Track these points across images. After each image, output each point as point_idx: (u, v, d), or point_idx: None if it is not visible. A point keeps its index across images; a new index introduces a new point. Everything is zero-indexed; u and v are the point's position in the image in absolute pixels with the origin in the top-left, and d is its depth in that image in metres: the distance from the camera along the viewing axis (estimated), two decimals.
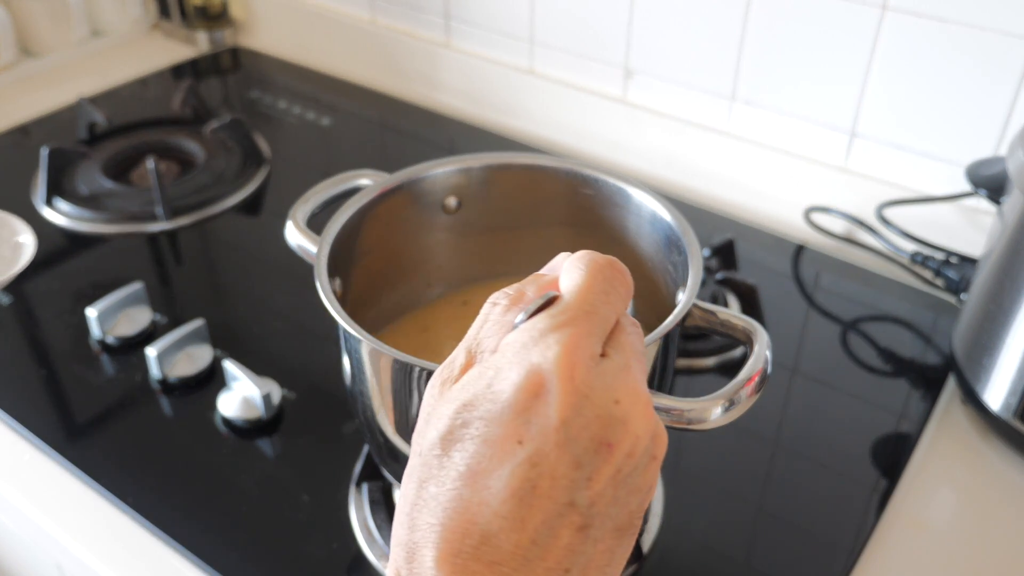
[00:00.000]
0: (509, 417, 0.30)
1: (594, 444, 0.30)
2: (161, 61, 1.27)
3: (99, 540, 0.63)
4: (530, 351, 0.31)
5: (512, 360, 0.31)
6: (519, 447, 0.30)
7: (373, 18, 1.20)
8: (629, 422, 0.31)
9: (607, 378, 0.31)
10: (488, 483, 0.30)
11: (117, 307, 0.78)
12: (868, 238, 0.91)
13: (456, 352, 0.34)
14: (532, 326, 0.32)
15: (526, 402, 0.30)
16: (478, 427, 0.31)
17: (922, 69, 0.83)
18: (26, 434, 0.70)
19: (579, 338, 0.31)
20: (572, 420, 0.30)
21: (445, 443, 0.31)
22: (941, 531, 0.65)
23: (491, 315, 0.34)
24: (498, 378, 0.31)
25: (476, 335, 0.34)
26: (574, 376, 0.31)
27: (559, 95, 1.07)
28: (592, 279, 0.34)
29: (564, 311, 0.32)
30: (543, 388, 0.30)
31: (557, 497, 0.30)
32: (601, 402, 0.31)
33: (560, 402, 0.30)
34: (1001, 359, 0.67)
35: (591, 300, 0.33)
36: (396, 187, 0.60)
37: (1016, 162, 0.65)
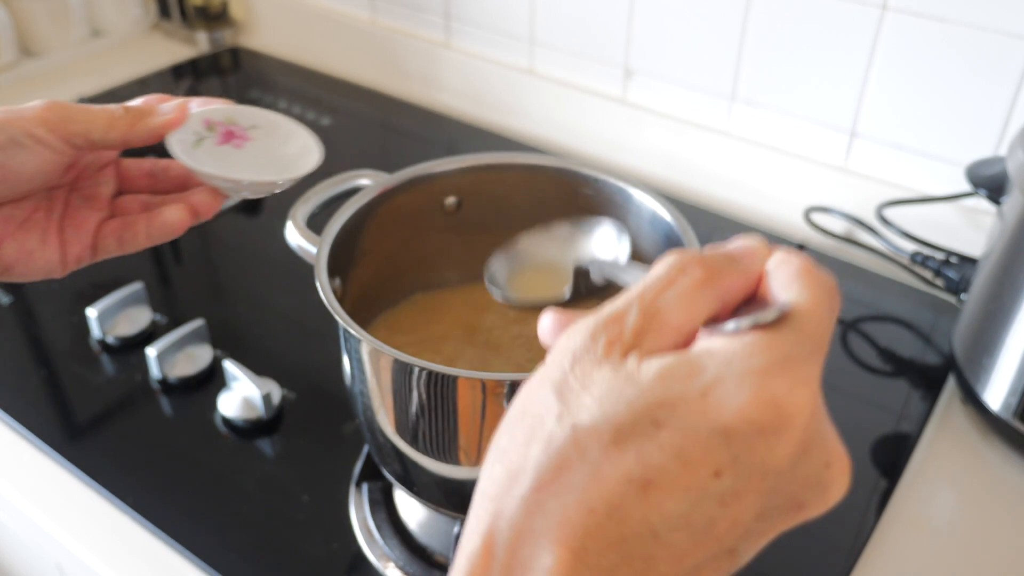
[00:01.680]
0: (717, 441, 0.25)
1: (789, 502, 0.27)
2: (161, 61, 1.27)
3: (99, 540, 0.63)
4: (773, 379, 0.25)
5: (743, 379, 0.26)
6: (715, 480, 0.25)
7: (373, 18, 1.20)
8: (829, 490, 0.28)
9: (826, 435, 0.28)
10: (663, 503, 0.25)
11: (117, 307, 0.78)
12: (868, 238, 0.91)
13: (626, 307, 0.28)
14: (772, 346, 0.26)
15: (746, 434, 0.25)
16: (673, 437, 0.25)
17: (922, 69, 0.83)
18: (26, 434, 0.70)
19: (818, 382, 0.27)
20: (786, 472, 0.26)
21: (621, 436, 0.25)
22: (941, 531, 0.65)
23: (679, 282, 0.28)
24: (719, 390, 0.25)
25: (656, 298, 0.28)
26: (810, 426, 0.26)
27: (559, 95, 1.07)
28: (824, 305, 0.28)
29: (806, 340, 0.27)
30: (776, 427, 0.25)
31: (726, 542, 0.26)
32: (816, 461, 0.27)
33: (786, 449, 0.26)
34: (1001, 359, 0.67)
35: (826, 331, 0.27)
36: (396, 187, 0.60)
37: (1016, 162, 0.65)
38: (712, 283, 0.28)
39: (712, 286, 0.28)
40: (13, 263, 0.48)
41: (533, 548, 0.25)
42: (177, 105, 0.49)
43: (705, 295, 0.28)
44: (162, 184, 0.52)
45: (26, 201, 0.48)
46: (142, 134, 0.47)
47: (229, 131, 0.50)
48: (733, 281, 0.29)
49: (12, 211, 0.47)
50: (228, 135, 0.50)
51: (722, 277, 0.28)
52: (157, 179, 0.52)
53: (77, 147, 0.46)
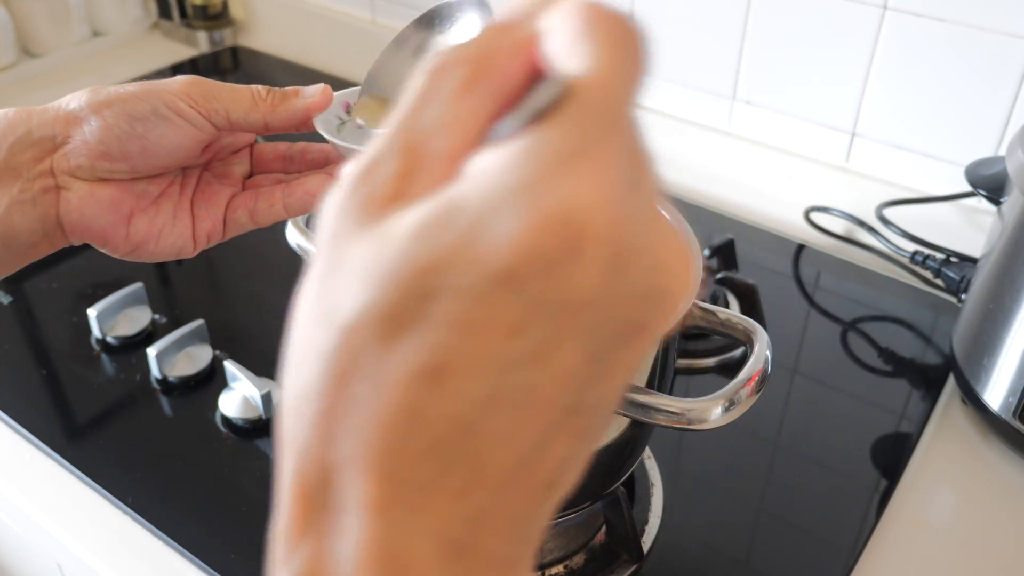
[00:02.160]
0: (502, 294, 0.19)
1: (621, 329, 0.21)
2: (161, 61, 1.27)
3: (99, 540, 0.63)
4: (549, 188, 0.19)
5: (510, 201, 0.19)
6: (514, 340, 0.20)
7: (373, 18, 1.20)
8: (669, 293, 0.21)
9: (645, 228, 0.21)
10: (463, 388, 0.20)
11: (117, 307, 0.78)
12: (868, 238, 0.91)
13: (381, 149, 0.22)
14: (540, 149, 0.20)
15: (534, 269, 0.19)
16: (449, 305, 0.19)
17: (922, 69, 0.83)
18: (26, 434, 0.70)
19: (619, 166, 0.20)
20: (600, 302, 0.20)
21: (389, 324, 0.20)
22: (941, 531, 0.65)
23: (438, 94, 0.22)
24: (485, 228, 0.19)
25: (414, 124, 0.22)
26: (615, 230, 0.20)
27: None
28: (616, 55, 0.21)
29: (592, 116, 0.20)
30: (569, 248, 0.19)
31: (561, 401, 0.21)
32: (640, 270, 0.21)
33: (588, 272, 0.19)
34: (1001, 359, 0.67)
35: (622, 98, 0.21)
36: None
37: (1016, 162, 0.65)
38: (480, 79, 0.22)
39: (481, 82, 0.22)
40: (143, 241, 0.47)
41: (340, 483, 0.21)
42: (321, 88, 0.48)
43: (474, 98, 0.21)
44: (297, 167, 0.51)
45: (160, 178, 0.47)
46: (284, 116, 0.46)
47: None
48: (508, 64, 0.22)
49: (146, 187, 0.47)
50: None
51: (492, 64, 0.22)
52: (292, 162, 0.51)
53: (217, 125, 0.46)
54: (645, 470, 0.67)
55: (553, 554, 0.60)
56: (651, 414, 0.47)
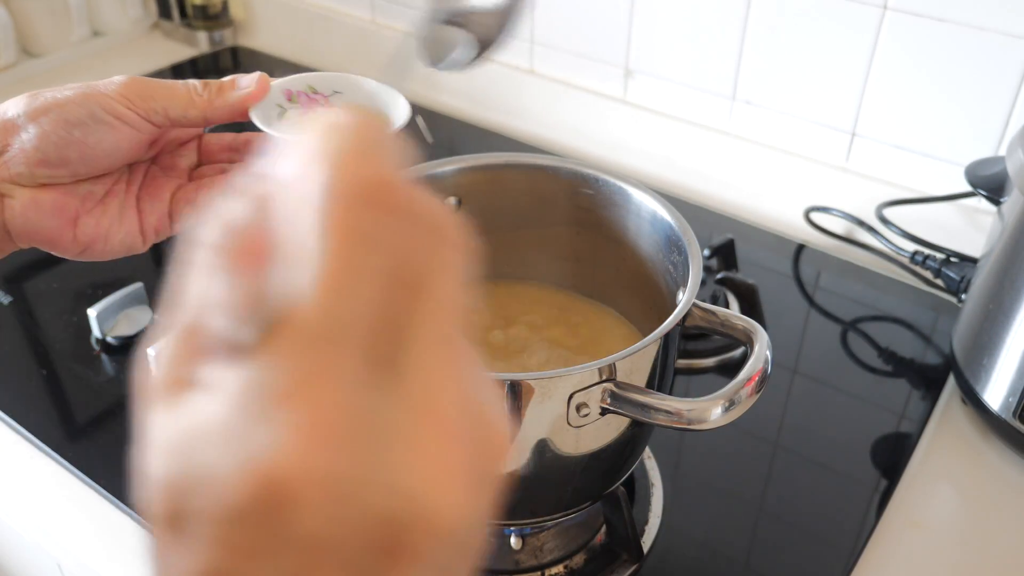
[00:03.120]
0: (240, 530, 0.19)
1: (375, 554, 0.20)
2: (161, 61, 1.27)
3: (99, 540, 0.63)
4: (249, 437, 0.19)
5: (224, 448, 0.19)
6: (269, 560, 0.19)
7: (373, 18, 1.20)
8: (422, 511, 0.20)
9: (378, 450, 0.20)
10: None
11: (117, 307, 0.78)
12: (868, 238, 0.91)
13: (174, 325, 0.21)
14: (248, 388, 0.19)
15: (256, 513, 0.19)
16: (203, 527, 0.19)
17: (922, 69, 0.83)
18: (26, 434, 0.70)
19: (323, 405, 0.19)
20: (331, 534, 0.19)
21: (170, 528, 0.20)
22: (941, 531, 0.65)
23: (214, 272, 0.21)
24: (213, 469, 0.19)
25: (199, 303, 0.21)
26: (320, 478, 0.19)
27: (559, 95, 1.07)
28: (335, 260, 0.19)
29: (294, 348, 0.19)
30: (276, 499, 0.19)
31: None
32: (372, 497, 0.19)
33: (306, 516, 0.19)
34: (1001, 359, 0.67)
35: (342, 309, 0.19)
36: None
37: (1016, 162, 0.65)
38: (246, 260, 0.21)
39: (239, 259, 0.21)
40: (92, 241, 0.47)
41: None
42: (257, 78, 0.48)
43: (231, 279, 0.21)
44: (244, 158, 0.52)
45: (106, 177, 0.47)
46: (223, 110, 0.47)
47: (311, 99, 0.50)
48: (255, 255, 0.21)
49: (91, 187, 0.46)
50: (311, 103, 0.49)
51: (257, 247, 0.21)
52: (239, 152, 0.52)
53: (157, 124, 0.46)
54: (645, 470, 0.67)
55: (553, 554, 0.60)
56: (651, 414, 0.47)
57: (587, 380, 0.47)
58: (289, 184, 0.20)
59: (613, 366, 0.47)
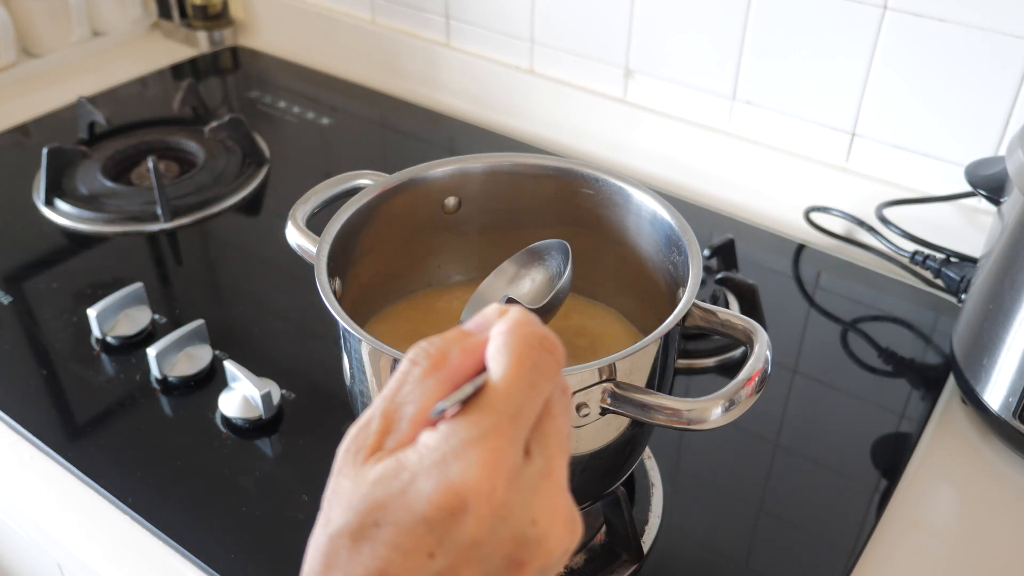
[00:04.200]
0: (422, 531, 0.30)
1: (506, 563, 0.30)
2: (161, 61, 1.27)
3: (99, 540, 0.63)
4: (449, 466, 0.30)
5: (429, 471, 0.30)
6: (430, 560, 0.30)
7: (373, 18, 1.20)
8: (544, 542, 0.31)
9: (526, 494, 0.31)
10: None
11: (117, 307, 0.78)
12: (868, 238, 0.91)
13: (372, 413, 0.33)
14: (454, 432, 0.30)
15: (440, 519, 0.29)
16: (389, 532, 0.30)
17: (922, 69, 0.83)
18: (26, 434, 0.70)
19: (500, 453, 0.30)
20: (486, 541, 0.30)
21: (355, 537, 0.30)
22: (941, 531, 0.65)
23: (410, 376, 0.32)
24: (413, 487, 0.30)
25: (393, 398, 0.32)
26: (492, 499, 0.30)
27: (559, 95, 1.07)
28: (518, 368, 0.31)
29: (489, 414, 0.31)
30: (459, 508, 0.29)
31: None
32: (518, 523, 0.30)
33: (475, 525, 0.29)
34: (1001, 359, 0.67)
35: (517, 400, 0.31)
36: (396, 187, 0.60)
37: (1016, 162, 0.65)
38: (438, 369, 0.32)
39: (438, 371, 0.32)
40: None
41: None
42: None
43: (432, 383, 0.32)
44: None
45: None
46: None
47: None
48: (460, 361, 0.32)
49: None
50: None
51: (447, 360, 0.32)
52: None
53: None
54: (645, 470, 0.67)
55: None
56: (651, 414, 0.47)
57: (587, 380, 0.47)
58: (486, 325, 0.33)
59: (613, 366, 0.47)
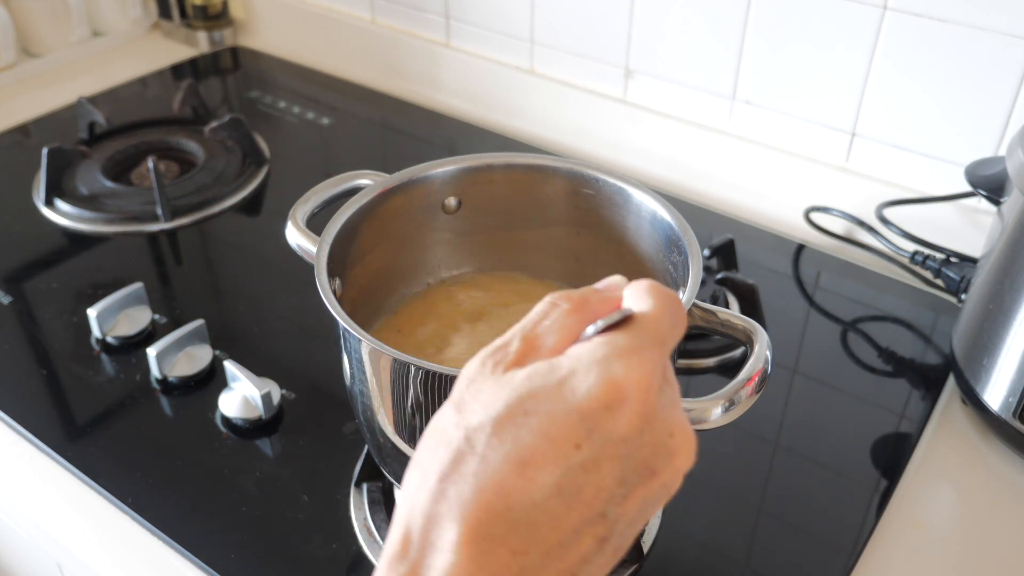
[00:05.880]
0: (575, 420, 0.31)
1: (642, 467, 0.31)
2: (161, 61, 1.27)
3: (99, 540, 0.63)
4: (612, 363, 0.31)
5: (590, 367, 0.32)
6: (576, 451, 0.30)
7: (373, 18, 1.20)
8: (676, 456, 0.32)
9: (668, 409, 0.32)
10: (537, 476, 0.30)
11: (117, 307, 0.78)
12: (868, 238, 0.91)
13: (510, 338, 0.35)
14: (613, 341, 0.32)
15: (596, 410, 0.31)
16: (540, 420, 0.31)
17: (922, 69, 0.83)
18: (26, 434, 0.70)
19: (656, 364, 0.32)
20: (633, 439, 0.31)
21: (499, 425, 0.31)
22: (941, 531, 0.65)
23: (552, 314, 0.35)
24: (573, 379, 0.31)
25: (534, 328, 0.34)
26: (647, 400, 0.31)
27: (559, 95, 1.07)
28: (664, 310, 0.34)
29: (644, 334, 0.33)
30: (617, 401, 0.31)
31: (595, 506, 0.31)
32: (660, 431, 0.32)
33: (629, 420, 0.31)
34: (1001, 359, 0.67)
35: (664, 330, 0.34)
36: (396, 187, 0.60)
37: (1016, 162, 0.65)
38: (579, 311, 0.35)
39: (579, 312, 0.35)
40: None
41: (439, 529, 0.30)
42: None
43: (573, 319, 0.35)
44: None
45: None
46: None
47: None
48: (597, 307, 0.35)
49: None
50: None
51: (587, 305, 0.35)
52: None
53: None
54: None
55: None
56: None
57: None
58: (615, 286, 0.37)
59: None
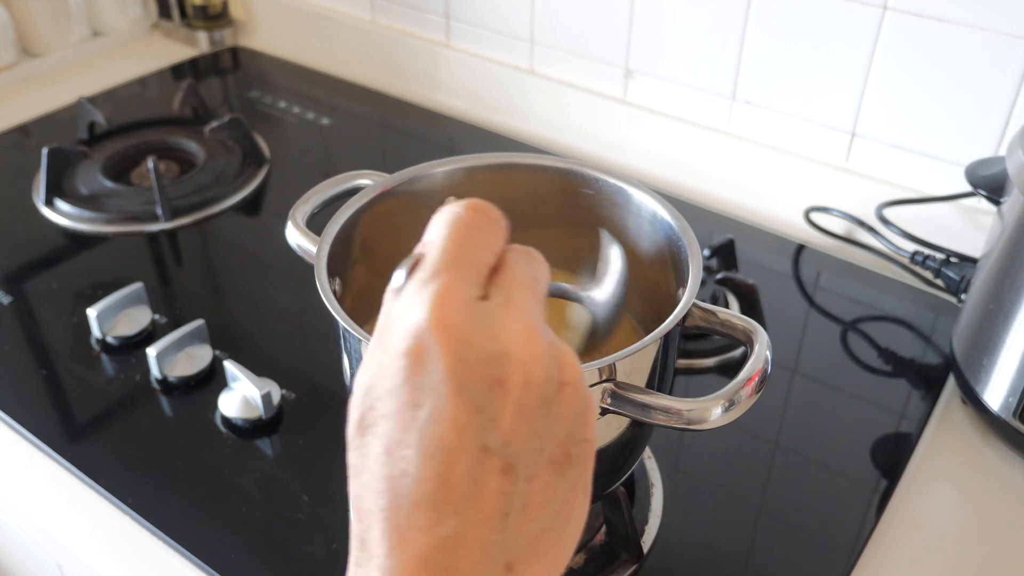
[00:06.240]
0: (404, 386, 0.30)
1: (486, 385, 0.30)
2: (161, 61, 1.27)
3: (99, 540, 0.63)
4: (405, 316, 0.31)
5: (393, 330, 0.32)
6: (418, 411, 0.30)
7: (373, 18, 1.20)
8: (511, 354, 0.31)
9: (484, 318, 0.31)
10: (402, 454, 0.30)
11: (117, 307, 0.78)
12: (868, 238, 0.91)
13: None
14: (406, 291, 0.32)
15: (414, 366, 0.30)
16: (382, 406, 0.31)
17: (922, 69, 0.83)
18: (26, 434, 0.70)
19: (447, 290, 0.31)
20: (457, 368, 0.30)
21: (360, 430, 0.32)
22: (941, 531, 0.65)
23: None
24: (386, 353, 0.31)
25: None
26: (447, 326, 0.30)
27: (559, 95, 1.07)
28: (449, 229, 0.34)
29: (426, 267, 0.32)
30: (424, 347, 0.30)
31: (468, 446, 0.30)
32: (480, 343, 0.30)
33: (441, 355, 0.30)
34: (1001, 359, 0.67)
35: (452, 250, 0.33)
36: (396, 187, 0.60)
37: (1016, 162, 0.65)
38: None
39: None
40: None
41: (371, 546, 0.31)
42: None
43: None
44: None
45: None
46: None
47: None
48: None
49: None
50: None
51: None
52: None
53: None
54: (645, 470, 0.67)
55: None
56: (651, 414, 0.47)
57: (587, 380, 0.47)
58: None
59: (613, 366, 0.47)
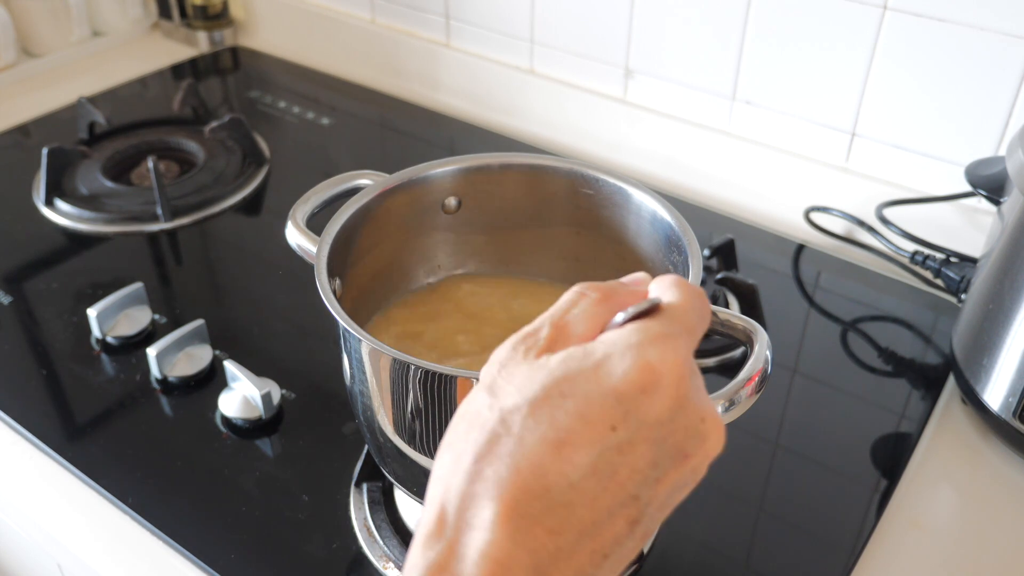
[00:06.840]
0: (611, 402, 0.32)
1: (675, 451, 0.32)
2: (161, 61, 1.27)
3: (99, 540, 0.63)
4: (646, 349, 0.33)
5: (625, 351, 0.33)
6: (612, 433, 0.31)
7: (373, 18, 1.20)
8: (707, 441, 0.33)
9: (700, 395, 0.34)
10: (573, 457, 0.31)
11: (117, 307, 0.78)
12: (868, 238, 0.91)
13: (539, 325, 0.36)
14: (646, 327, 0.34)
15: (632, 393, 0.32)
16: (576, 402, 0.32)
17: (922, 69, 0.83)
18: (26, 434, 0.70)
19: (688, 351, 0.34)
20: (667, 422, 0.32)
21: (535, 407, 0.32)
22: (941, 531, 0.65)
23: (580, 302, 0.36)
24: (608, 363, 0.32)
25: (564, 315, 0.36)
26: (680, 384, 0.32)
27: (559, 95, 1.07)
28: (692, 301, 0.36)
29: (675, 322, 0.34)
30: (653, 385, 0.32)
31: (629, 488, 0.32)
32: (692, 415, 0.33)
33: (663, 403, 0.32)
34: (1001, 359, 0.67)
35: (692, 319, 0.35)
36: (396, 187, 0.60)
37: (1016, 162, 0.65)
38: (607, 300, 0.36)
39: (607, 302, 0.36)
40: None
41: (476, 508, 0.31)
42: None
43: (601, 309, 0.36)
44: None
45: None
46: None
47: None
48: (624, 298, 0.37)
49: None
50: None
51: (615, 295, 0.37)
52: None
53: None
54: None
55: None
56: None
57: None
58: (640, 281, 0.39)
59: None
